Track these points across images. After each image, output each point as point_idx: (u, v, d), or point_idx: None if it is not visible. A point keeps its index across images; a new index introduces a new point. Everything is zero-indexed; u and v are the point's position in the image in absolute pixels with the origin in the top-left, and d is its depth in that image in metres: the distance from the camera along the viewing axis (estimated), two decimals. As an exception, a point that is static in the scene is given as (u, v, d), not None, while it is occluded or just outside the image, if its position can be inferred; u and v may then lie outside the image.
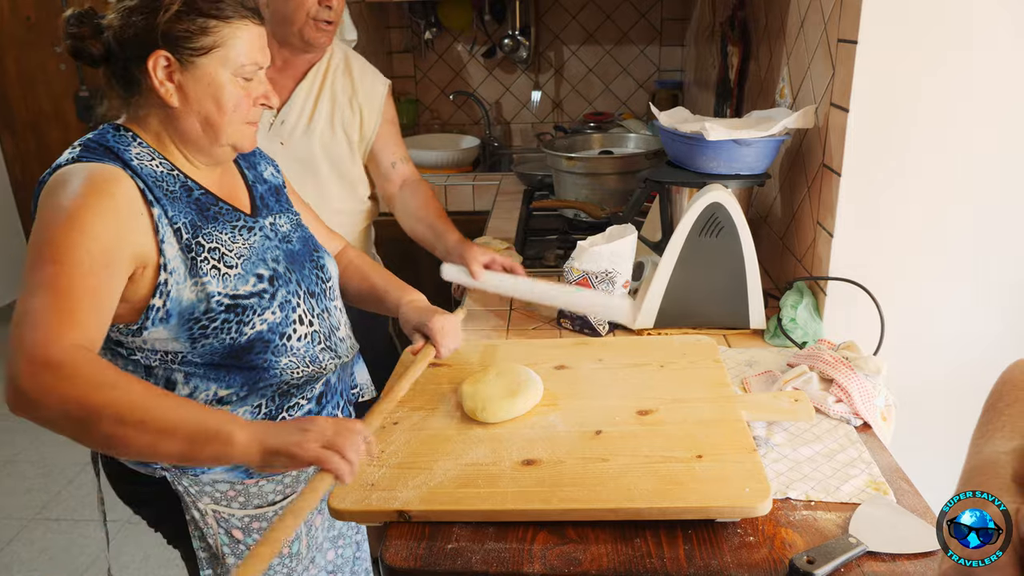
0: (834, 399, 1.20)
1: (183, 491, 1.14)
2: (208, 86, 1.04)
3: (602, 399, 1.20)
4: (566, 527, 0.96)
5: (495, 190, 2.83)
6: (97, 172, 1.00)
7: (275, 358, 1.13)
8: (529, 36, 3.29)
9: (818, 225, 1.50)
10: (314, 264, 1.23)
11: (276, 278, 1.13)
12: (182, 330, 1.05)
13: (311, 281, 1.20)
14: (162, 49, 1.01)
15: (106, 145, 1.04)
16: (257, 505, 1.18)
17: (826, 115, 1.46)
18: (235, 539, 1.18)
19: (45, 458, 2.97)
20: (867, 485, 1.04)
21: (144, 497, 1.21)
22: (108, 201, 0.98)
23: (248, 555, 0.80)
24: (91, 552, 2.45)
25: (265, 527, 1.19)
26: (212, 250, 1.07)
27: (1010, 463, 0.67)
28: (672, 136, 1.56)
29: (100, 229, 0.95)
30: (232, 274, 1.08)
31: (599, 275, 1.45)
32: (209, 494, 1.15)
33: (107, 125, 1.09)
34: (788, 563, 0.89)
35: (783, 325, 1.45)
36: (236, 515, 1.17)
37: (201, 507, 1.15)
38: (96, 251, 0.94)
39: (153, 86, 1.03)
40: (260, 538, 0.83)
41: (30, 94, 4.12)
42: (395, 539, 0.96)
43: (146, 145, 1.07)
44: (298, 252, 1.21)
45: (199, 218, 1.08)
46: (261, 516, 1.19)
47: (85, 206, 0.96)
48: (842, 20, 1.38)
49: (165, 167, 1.07)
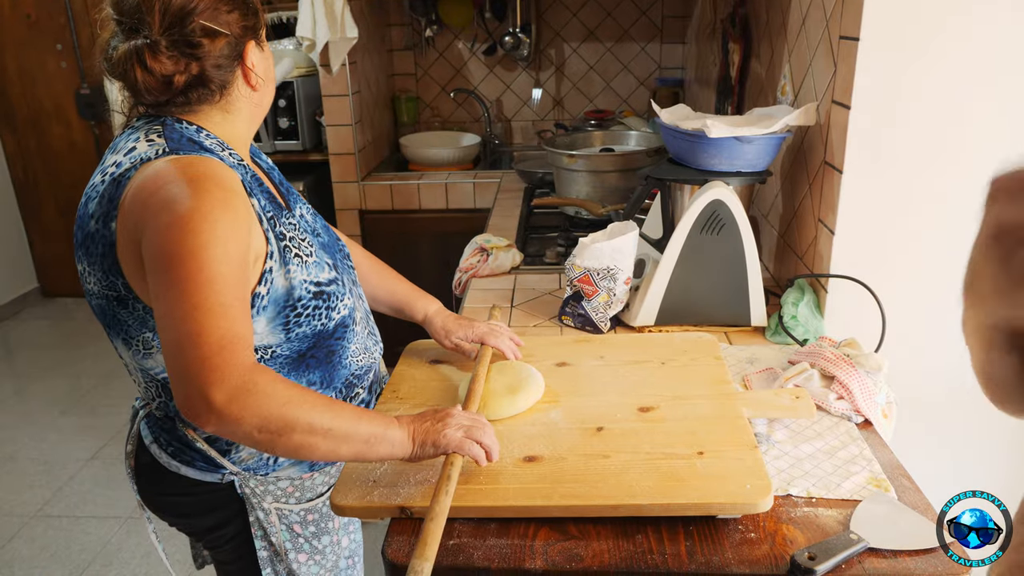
0: (835, 396, 1.20)
1: (250, 493, 1.16)
2: (265, 61, 1.10)
3: (603, 396, 1.20)
4: (567, 523, 0.97)
5: (496, 188, 2.83)
6: (203, 165, 0.97)
7: (348, 345, 1.17)
8: (530, 33, 3.29)
9: (819, 222, 1.50)
10: (343, 254, 1.25)
11: (336, 267, 1.16)
12: (278, 319, 1.06)
13: (348, 271, 1.23)
14: (250, 40, 1.06)
15: (188, 137, 1.03)
16: (309, 499, 1.22)
17: (828, 112, 1.46)
18: (295, 533, 1.21)
19: (46, 455, 2.97)
20: (868, 482, 1.04)
21: (204, 505, 1.18)
22: (231, 198, 0.96)
23: (418, 541, 0.84)
24: (92, 549, 2.45)
25: (317, 518, 1.23)
26: (291, 239, 1.08)
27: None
28: (673, 133, 1.56)
29: (231, 233, 0.94)
30: (310, 262, 1.10)
31: (600, 272, 1.45)
32: (272, 492, 1.17)
33: (167, 119, 1.05)
34: (789, 559, 0.89)
35: (784, 322, 1.45)
36: (294, 510, 1.20)
37: (266, 507, 1.17)
38: (235, 258, 0.94)
39: (244, 78, 1.07)
40: (425, 520, 0.87)
41: (30, 92, 4.12)
42: (397, 535, 0.96)
43: (214, 137, 1.06)
44: (328, 244, 1.21)
45: (273, 207, 1.09)
46: (313, 508, 1.23)
47: (211, 208, 0.92)
48: (844, 17, 1.38)
49: (235, 158, 1.07)
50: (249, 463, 1.15)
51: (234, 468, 1.14)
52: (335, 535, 1.26)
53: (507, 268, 1.89)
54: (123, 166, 1.00)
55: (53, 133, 4.20)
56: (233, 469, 1.14)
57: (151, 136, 1.01)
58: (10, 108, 4.18)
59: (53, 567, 2.38)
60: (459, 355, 1.36)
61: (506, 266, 1.89)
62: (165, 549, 1.30)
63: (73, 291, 4.51)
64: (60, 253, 4.42)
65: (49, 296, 4.57)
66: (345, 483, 1.02)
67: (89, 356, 3.80)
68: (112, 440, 3.05)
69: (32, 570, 2.37)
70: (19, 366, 3.82)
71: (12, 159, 4.29)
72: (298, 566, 1.22)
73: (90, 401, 3.37)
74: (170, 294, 0.90)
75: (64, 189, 4.30)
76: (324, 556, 1.25)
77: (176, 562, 2.37)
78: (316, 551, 1.23)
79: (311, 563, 1.24)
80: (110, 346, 4.19)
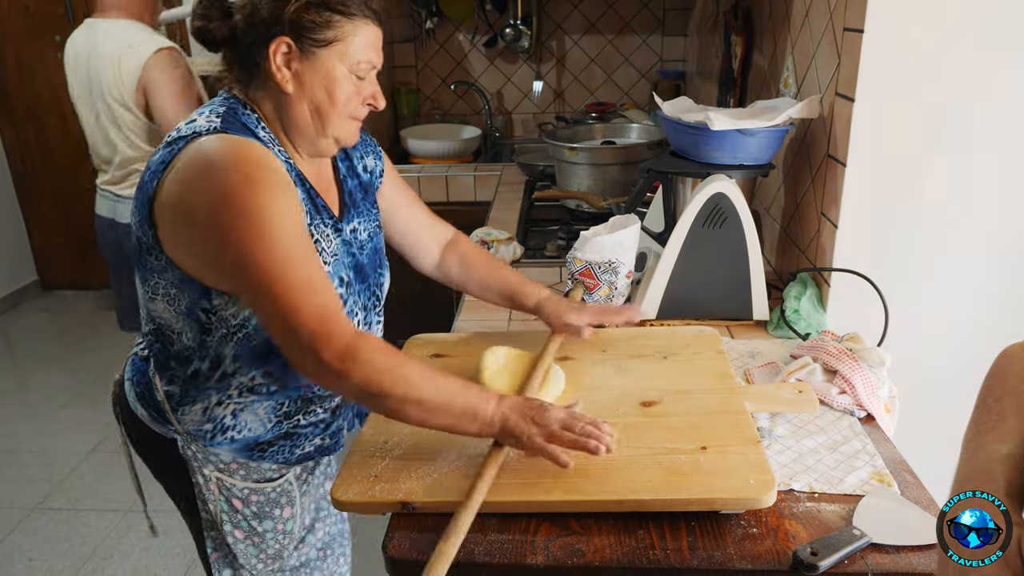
0: (838, 391, 1.20)
1: (191, 456, 1.18)
2: (323, 77, 1.07)
3: (606, 390, 1.19)
4: (569, 518, 0.96)
5: (496, 181, 2.82)
6: (247, 149, 1.01)
7: None
8: (531, 26, 3.28)
9: (822, 216, 1.49)
10: (374, 281, 1.26)
11: (350, 285, 1.17)
12: None
13: (367, 296, 1.23)
14: (286, 36, 1.03)
15: (243, 123, 1.06)
16: (256, 479, 1.21)
17: (831, 105, 1.45)
18: (234, 508, 1.21)
19: (46, 448, 2.97)
20: (871, 477, 1.04)
21: (155, 450, 1.23)
22: (275, 178, 1.00)
23: (435, 553, 0.87)
24: (93, 541, 2.45)
25: (261, 501, 1.22)
26: (316, 241, 1.10)
27: (1003, 474, 0.67)
28: (676, 126, 1.55)
29: (287, 207, 1.00)
30: (325, 270, 1.10)
31: (602, 265, 1.45)
32: (213, 462, 1.18)
33: (234, 100, 1.09)
34: (792, 555, 0.88)
35: (787, 316, 1.45)
36: (238, 485, 1.20)
37: (206, 473, 1.18)
38: (298, 231, 1.00)
39: (271, 71, 1.05)
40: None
41: (29, 84, 4.11)
42: (398, 530, 0.96)
43: (267, 131, 1.09)
44: (365, 266, 1.23)
45: (311, 207, 1.12)
46: (259, 491, 1.21)
47: (260, 192, 0.97)
48: (848, 9, 1.37)
49: (283, 156, 1.09)
50: (190, 427, 1.16)
51: (177, 427, 1.16)
52: (280, 523, 1.25)
53: (508, 261, 1.89)
54: (180, 132, 1.05)
55: (52, 125, 4.18)
56: (177, 427, 1.16)
57: (212, 115, 1.06)
58: (8, 100, 4.17)
59: (54, 560, 2.38)
60: (460, 350, 1.36)
61: (507, 259, 1.89)
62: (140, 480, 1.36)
63: (72, 284, 4.50)
64: (59, 245, 4.42)
65: (48, 289, 4.57)
66: (346, 478, 1.02)
67: (89, 349, 3.80)
68: (113, 433, 3.04)
69: (33, 563, 2.37)
70: (19, 359, 3.82)
71: (11, 151, 4.28)
72: (233, 541, 1.22)
73: (90, 394, 3.37)
74: (252, 281, 0.97)
75: (62, 181, 4.28)
76: (264, 540, 1.24)
77: (176, 556, 2.38)
78: (255, 532, 1.23)
79: (248, 543, 1.23)
80: (110, 338, 4.17)
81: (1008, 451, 0.68)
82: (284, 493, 1.23)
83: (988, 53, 1.30)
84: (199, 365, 1.11)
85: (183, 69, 2.24)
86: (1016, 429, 0.70)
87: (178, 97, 2.21)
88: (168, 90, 2.19)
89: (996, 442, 0.70)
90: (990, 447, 0.70)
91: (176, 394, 1.15)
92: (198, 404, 1.14)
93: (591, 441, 0.96)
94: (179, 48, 2.27)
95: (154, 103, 2.21)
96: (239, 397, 1.13)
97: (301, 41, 1.04)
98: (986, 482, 0.66)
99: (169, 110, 2.20)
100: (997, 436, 0.70)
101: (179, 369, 1.13)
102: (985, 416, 0.74)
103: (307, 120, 1.09)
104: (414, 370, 0.99)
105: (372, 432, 1.12)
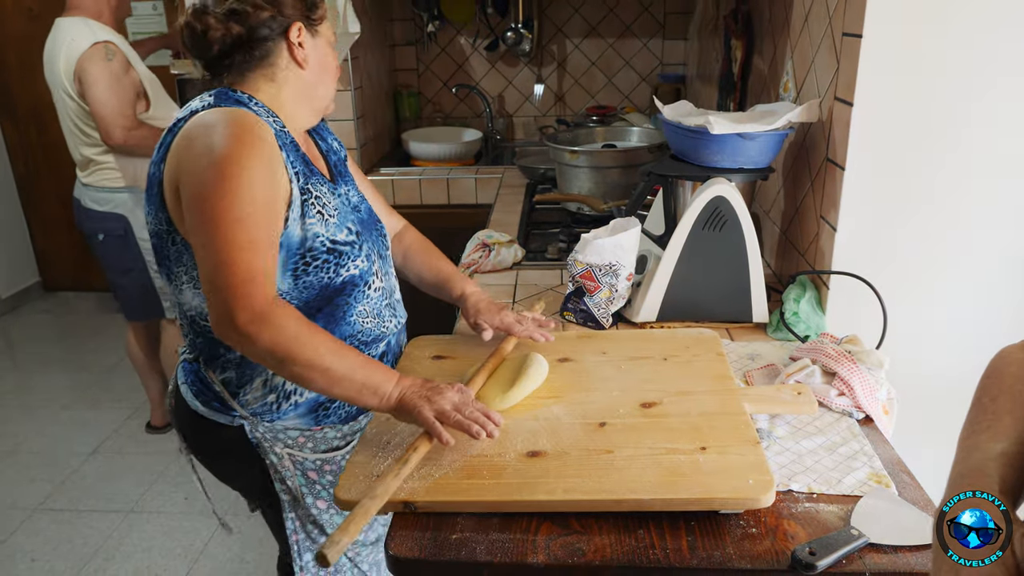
0: (836, 392, 1.21)
1: (260, 437, 1.23)
2: (323, 51, 1.22)
3: (606, 391, 1.20)
4: (570, 518, 0.97)
5: (497, 183, 2.83)
6: (241, 116, 1.10)
7: (356, 304, 1.24)
8: (532, 29, 3.29)
9: (821, 219, 1.50)
10: (379, 232, 1.34)
11: (359, 234, 1.24)
12: (288, 265, 1.15)
13: (380, 245, 1.31)
14: (298, 20, 1.17)
15: (235, 99, 1.15)
16: (324, 450, 1.27)
17: (830, 109, 1.46)
18: (311, 480, 1.27)
19: (48, 449, 2.98)
20: (869, 477, 1.04)
21: (223, 446, 1.27)
22: (261, 146, 1.08)
23: (354, 509, 0.93)
24: (94, 542, 2.46)
25: (335, 470, 1.28)
26: (316, 198, 1.18)
27: (997, 471, 0.67)
28: (676, 130, 1.56)
29: (262, 176, 1.07)
30: (331, 222, 1.19)
31: (603, 268, 1.46)
32: (281, 440, 1.24)
33: (219, 89, 1.18)
34: (790, 555, 0.89)
35: (786, 319, 1.46)
36: (309, 458, 1.26)
37: (278, 451, 1.24)
38: (262, 200, 1.07)
39: (289, 52, 1.17)
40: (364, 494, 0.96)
41: (31, 85, 4.11)
42: (400, 530, 0.97)
43: (261, 104, 1.18)
44: (367, 220, 1.31)
45: (305, 169, 1.19)
46: (330, 460, 1.28)
47: (244, 155, 1.05)
48: (847, 14, 1.38)
49: (278, 124, 1.18)
50: (254, 407, 1.22)
51: (242, 412, 1.22)
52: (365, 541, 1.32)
53: (509, 264, 1.90)
54: (179, 117, 1.15)
55: (54, 126, 4.15)
56: (241, 412, 1.22)
57: (206, 96, 1.17)
58: (11, 101, 4.18)
59: (55, 560, 2.38)
60: (461, 351, 1.37)
61: (508, 262, 1.89)
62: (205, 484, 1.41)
63: (74, 285, 4.51)
64: (61, 247, 4.42)
65: (50, 290, 4.57)
66: (348, 478, 1.03)
67: (91, 350, 3.81)
68: (114, 434, 3.06)
69: (34, 563, 2.38)
70: (21, 360, 3.83)
71: (13, 152, 4.29)
72: (318, 512, 1.28)
73: (92, 395, 3.37)
74: (204, 229, 1.04)
75: (65, 182, 4.24)
76: None
77: (177, 556, 2.38)
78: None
79: (332, 511, 1.29)
80: (112, 340, 4.19)
81: (1003, 449, 0.69)
82: None
83: (987, 57, 1.30)
84: None
85: (117, 63, 2.43)
86: (1011, 428, 0.71)
87: (110, 89, 2.42)
88: (101, 84, 2.41)
89: (991, 440, 0.70)
90: (985, 445, 0.70)
91: (233, 379, 1.21)
92: (256, 380, 1.20)
93: (474, 426, 1.03)
94: (116, 42, 2.47)
95: (88, 96, 2.43)
96: None
97: (308, 22, 1.19)
98: (981, 479, 0.66)
99: (100, 101, 2.41)
100: (992, 435, 0.71)
101: (228, 354, 1.19)
102: (980, 416, 0.75)
103: (313, 89, 1.22)
104: (323, 341, 1.05)
105: (375, 431, 1.13)
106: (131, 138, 2.47)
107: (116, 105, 2.43)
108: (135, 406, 3.24)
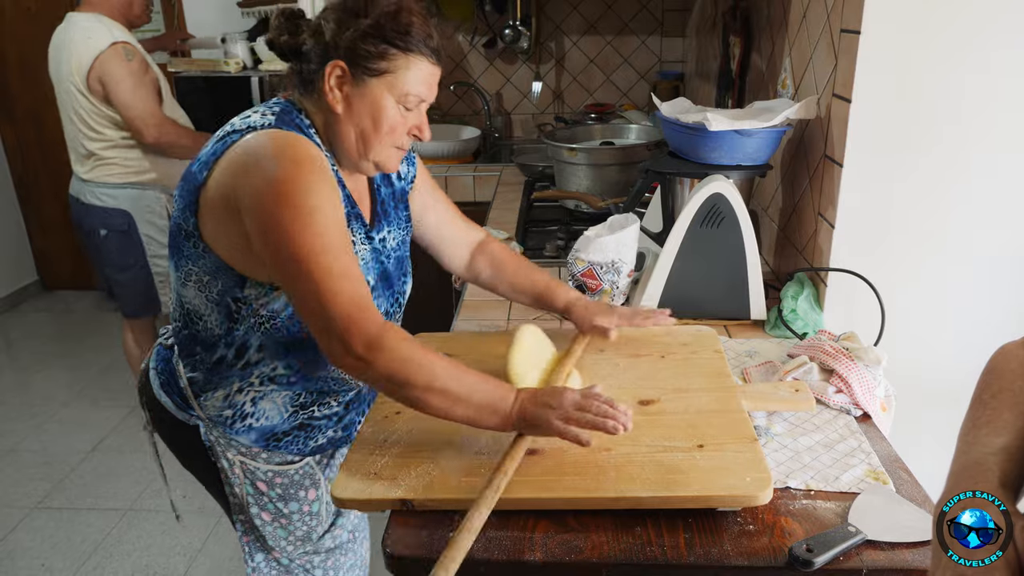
0: (834, 389, 1.21)
1: (214, 441, 1.22)
2: (371, 104, 1.10)
3: (603, 388, 1.19)
4: (567, 516, 0.97)
5: (496, 181, 2.83)
6: (298, 144, 1.05)
7: None
8: (530, 26, 3.28)
9: (819, 216, 1.50)
10: (398, 288, 1.29)
11: (374, 290, 1.20)
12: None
13: (389, 302, 1.27)
14: (341, 60, 1.08)
15: (296, 123, 1.11)
16: (278, 462, 1.25)
17: (828, 106, 1.46)
18: (259, 491, 1.25)
19: (47, 447, 2.98)
20: (866, 474, 1.05)
21: (181, 438, 1.27)
22: (323, 171, 1.05)
23: (449, 541, 0.89)
24: (93, 540, 2.46)
25: (285, 483, 1.26)
26: (351, 243, 1.13)
27: (997, 465, 0.67)
28: (674, 127, 1.56)
29: (329, 200, 1.03)
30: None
31: (604, 266, 1.46)
32: (235, 446, 1.22)
33: (288, 103, 1.14)
34: (788, 552, 0.89)
35: (784, 316, 1.46)
36: (261, 468, 1.24)
37: (230, 457, 1.22)
38: (339, 222, 1.04)
39: (324, 90, 1.09)
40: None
41: (31, 84, 4.11)
42: (398, 527, 0.97)
43: (316, 137, 1.13)
44: (391, 274, 1.27)
45: (348, 211, 1.15)
46: (282, 473, 1.25)
47: (309, 183, 1.01)
48: (845, 10, 1.38)
49: (329, 160, 1.13)
50: (211, 413, 1.21)
51: (200, 413, 1.21)
52: (306, 504, 1.28)
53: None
54: (234, 126, 1.10)
55: (53, 126, 4.15)
56: (199, 413, 1.21)
57: (268, 112, 1.11)
58: (10, 100, 4.17)
59: (55, 558, 2.38)
60: (466, 347, 1.36)
61: (506, 259, 1.89)
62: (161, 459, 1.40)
63: (73, 284, 4.51)
64: (60, 245, 4.42)
65: (49, 289, 4.57)
66: (346, 475, 1.03)
67: (89, 349, 3.80)
68: (113, 432, 3.06)
69: (34, 561, 2.38)
70: (19, 359, 3.82)
71: (12, 151, 4.28)
72: (261, 523, 1.27)
73: (90, 393, 3.37)
74: (291, 266, 1.00)
75: (64, 182, 4.21)
76: (291, 522, 1.28)
77: (176, 554, 2.39)
78: (281, 515, 1.27)
79: (276, 526, 1.27)
80: (111, 339, 4.17)
81: (1003, 443, 0.69)
82: (307, 476, 1.27)
83: (984, 54, 1.30)
84: (224, 352, 1.15)
85: (136, 62, 2.43)
86: (1011, 423, 0.70)
87: (135, 90, 2.42)
88: (124, 84, 2.40)
89: (991, 435, 0.70)
90: (985, 440, 0.70)
91: (199, 380, 1.19)
92: (220, 391, 1.18)
93: (608, 421, 0.98)
94: (133, 42, 2.47)
95: (113, 97, 2.42)
96: (260, 385, 1.18)
97: (355, 67, 1.08)
98: (981, 473, 0.66)
99: (127, 101, 2.41)
100: (992, 430, 0.71)
101: (204, 355, 1.17)
102: (980, 411, 0.75)
103: (351, 141, 1.12)
104: (438, 362, 1.01)
105: (372, 430, 1.13)
106: (163, 135, 2.47)
107: (143, 105, 2.43)
108: (133, 404, 3.23)
